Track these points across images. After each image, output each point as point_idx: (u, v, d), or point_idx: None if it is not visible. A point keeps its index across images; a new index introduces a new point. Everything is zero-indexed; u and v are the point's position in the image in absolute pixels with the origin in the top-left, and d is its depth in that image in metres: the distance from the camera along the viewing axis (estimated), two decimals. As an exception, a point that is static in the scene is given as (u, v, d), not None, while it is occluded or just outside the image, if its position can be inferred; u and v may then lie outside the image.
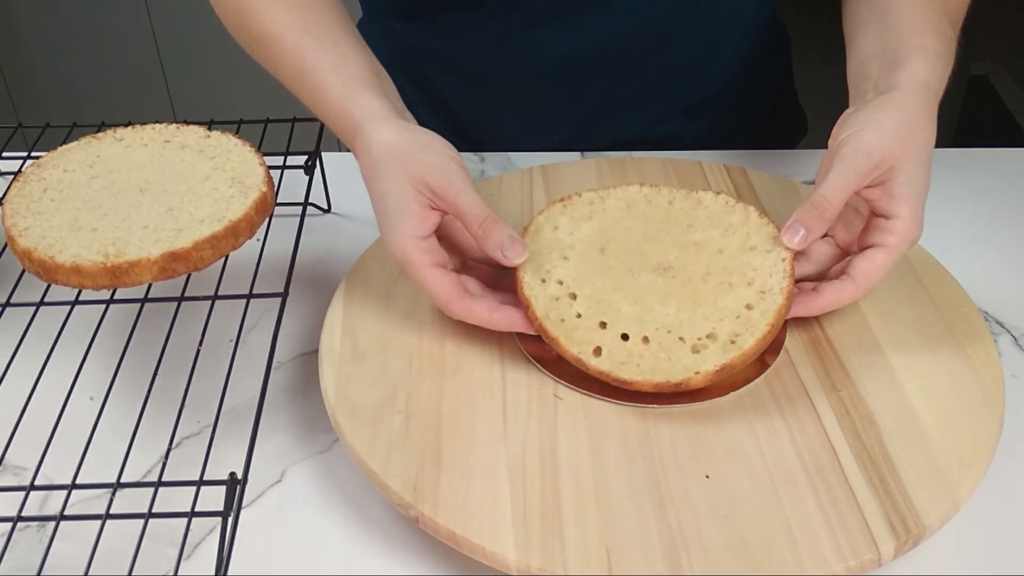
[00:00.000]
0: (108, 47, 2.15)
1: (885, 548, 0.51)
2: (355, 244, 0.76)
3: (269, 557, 0.57)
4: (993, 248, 0.79)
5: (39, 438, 0.56)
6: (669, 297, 0.63)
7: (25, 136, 0.83)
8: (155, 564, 0.56)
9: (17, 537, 0.58)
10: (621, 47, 0.89)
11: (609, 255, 0.66)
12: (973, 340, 0.64)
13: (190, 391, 0.59)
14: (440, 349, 0.64)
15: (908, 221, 0.61)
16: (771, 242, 0.65)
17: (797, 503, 0.54)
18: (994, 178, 0.87)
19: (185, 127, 0.72)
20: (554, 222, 0.68)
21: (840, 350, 0.63)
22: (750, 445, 0.57)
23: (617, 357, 0.60)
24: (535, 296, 0.62)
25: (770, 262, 0.64)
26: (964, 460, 0.56)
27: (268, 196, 0.65)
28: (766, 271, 0.63)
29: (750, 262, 0.64)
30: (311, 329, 0.72)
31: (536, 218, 0.68)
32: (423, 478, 0.55)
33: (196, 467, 0.57)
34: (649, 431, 0.58)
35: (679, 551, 0.51)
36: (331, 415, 0.60)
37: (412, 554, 0.57)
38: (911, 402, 0.60)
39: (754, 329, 0.60)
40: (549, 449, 0.57)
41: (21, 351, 0.62)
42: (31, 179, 0.66)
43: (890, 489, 0.54)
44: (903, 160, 0.61)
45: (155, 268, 0.60)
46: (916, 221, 0.61)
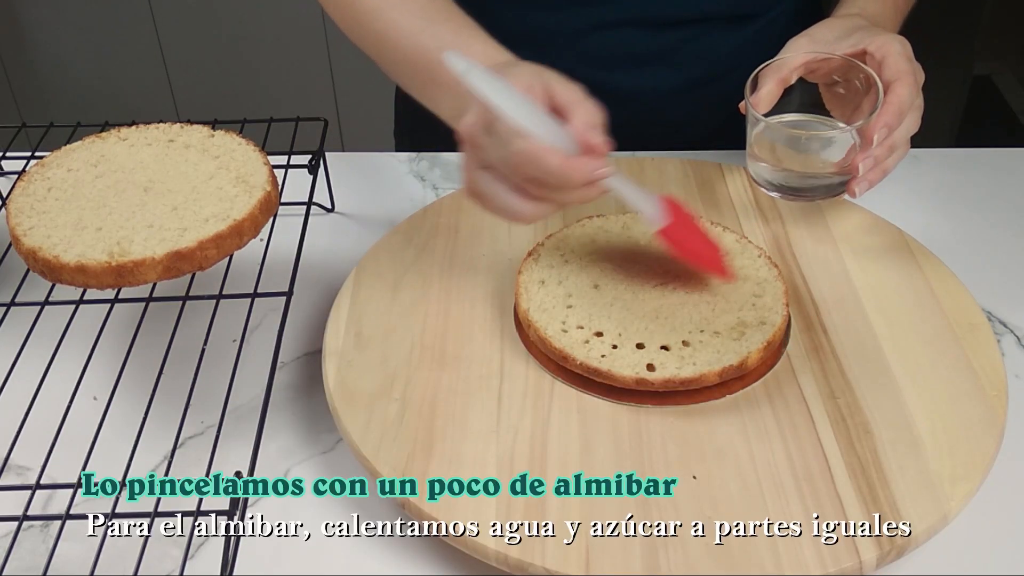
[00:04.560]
0: (112, 47, 2.15)
1: (866, 556, 0.51)
2: (359, 243, 0.77)
3: (273, 557, 0.57)
4: (997, 248, 0.79)
5: (44, 438, 0.56)
6: (683, 305, 0.65)
7: (29, 136, 0.83)
8: (160, 564, 0.56)
9: (22, 537, 0.58)
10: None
11: (605, 289, 0.67)
12: (979, 351, 0.63)
13: (195, 390, 0.59)
14: (442, 340, 0.65)
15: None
16: (738, 246, 0.70)
17: (782, 507, 0.54)
18: (998, 178, 0.87)
19: (189, 126, 0.72)
20: (539, 278, 0.68)
21: (842, 357, 0.63)
22: (741, 448, 0.57)
23: (673, 365, 0.61)
24: (568, 346, 0.62)
25: (749, 261, 0.69)
26: (958, 474, 0.55)
27: (272, 195, 0.65)
28: (751, 267, 0.68)
29: (732, 264, 0.68)
30: (315, 328, 0.73)
31: (519, 279, 0.68)
32: (412, 465, 0.56)
33: (201, 467, 0.57)
34: (641, 430, 0.59)
35: (658, 550, 0.52)
36: (329, 400, 0.61)
37: (414, 554, 0.57)
38: (910, 412, 0.59)
39: (774, 310, 0.64)
40: (540, 443, 0.58)
41: (26, 350, 0.62)
42: (35, 179, 0.67)
43: (879, 499, 0.54)
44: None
45: (159, 267, 0.60)
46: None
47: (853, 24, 0.74)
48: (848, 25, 0.74)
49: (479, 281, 0.70)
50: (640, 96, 0.90)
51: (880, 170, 0.69)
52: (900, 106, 0.67)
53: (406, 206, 0.84)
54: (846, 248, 0.72)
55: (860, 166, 0.68)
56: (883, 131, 0.67)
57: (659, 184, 0.80)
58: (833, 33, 0.73)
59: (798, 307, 0.67)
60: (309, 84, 2.13)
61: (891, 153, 0.69)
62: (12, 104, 2.27)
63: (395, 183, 0.88)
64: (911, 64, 0.69)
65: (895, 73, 0.68)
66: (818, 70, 0.73)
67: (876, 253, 0.72)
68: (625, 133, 0.74)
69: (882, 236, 0.74)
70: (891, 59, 0.69)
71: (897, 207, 0.80)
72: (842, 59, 0.71)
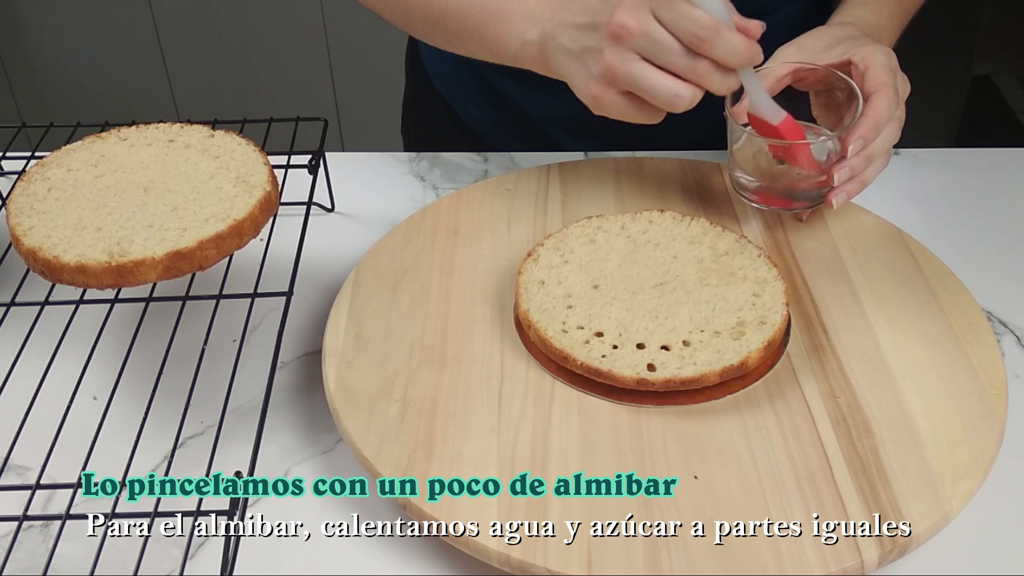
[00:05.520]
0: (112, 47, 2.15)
1: (868, 556, 0.51)
2: (359, 243, 0.77)
3: (273, 557, 0.57)
4: (997, 248, 0.79)
5: (44, 438, 0.56)
6: (682, 305, 0.65)
7: (29, 136, 0.83)
8: (160, 564, 0.56)
9: (22, 537, 0.58)
10: None
11: (604, 289, 0.67)
12: (979, 350, 0.63)
13: (195, 390, 0.59)
14: (442, 340, 0.65)
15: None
16: (738, 245, 0.70)
17: (783, 507, 0.54)
18: (998, 178, 0.87)
19: (189, 126, 0.72)
20: (539, 278, 0.68)
21: (842, 357, 0.63)
22: (742, 448, 0.57)
23: (673, 365, 0.61)
24: (567, 346, 0.62)
25: (748, 260, 0.68)
26: (959, 472, 0.55)
27: (272, 195, 0.65)
28: (750, 267, 0.68)
29: (731, 264, 0.68)
30: (315, 328, 0.73)
31: (519, 279, 0.68)
32: (413, 466, 0.56)
33: (201, 467, 0.57)
34: (642, 430, 0.59)
35: (660, 550, 0.52)
36: (329, 400, 0.61)
37: (414, 554, 0.57)
38: (910, 411, 0.59)
39: (774, 310, 0.64)
40: (540, 443, 0.58)
41: (26, 351, 0.62)
42: (35, 179, 0.67)
43: (880, 498, 0.54)
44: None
45: (160, 267, 0.59)
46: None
47: (843, 33, 0.74)
48: (838, 34, 0.74)
49: (479, 281, 0.70)
50: None
51: (858, 181, 0.69)
52: (877, 118, 0.67)
53: (406, 206, 0.84)
54: (846, 248, 0.72)
55: (835, 176, 0.68)
56: (859, 142, 0.67)
57: (659, 184, 0.80)
58: (822, 42, 0.73)
59: (798, 307, 0.67)
60: (309, 84, 2.13)
61: (869, 164, 0.69)
62: (12, 104, 2.27)
63: (395, 183, 0.88)
64: (893, 76, 0.69)
65: (876, 85, 0.68)
66: (806, 79, 0.73)
67: (876, 253, 0.72)
68: (626, 132, 0.75)
69: (882, 236, 0.74)
70: (873, 70, 0.68)
71: (897, 207, 0.80)
72: (826, 69, 0.71)
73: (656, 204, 0.77)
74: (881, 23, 0.78)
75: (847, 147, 0.67)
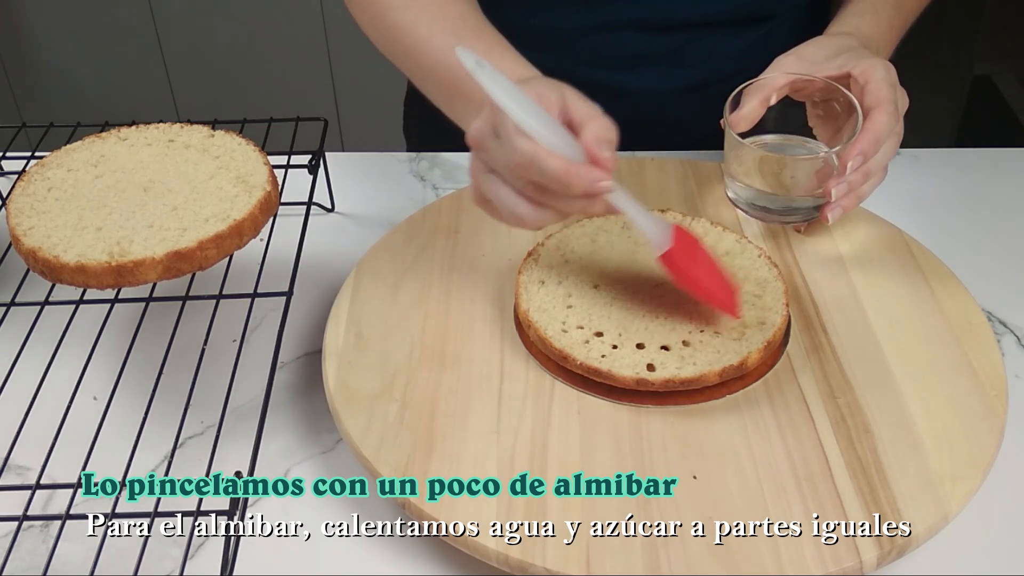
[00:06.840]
0: (112, 47, 2.15)
1: (867, 556, 0.51)
2: (359, 243, 0.77)
3: (273, 557, 0.57)
4: (997, 248, 0.79)
5: (44, 438, 0.56)
6: (683, 305, 0.65)
7: (29, 136, 0.83)
8: (160, 564, 0.56)
9: (22, 537, 0.58)
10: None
11: (605, 289, 0.67)
12: (979, 350, 0.63)
13: (194, 390, 0.59)
14: (442, 340, 0.65)
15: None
16: (738, 246, 0.70)
17: (782, 507, 0.54)
18: (998, 178, 0.87)
19: (189, 126, 0.72)
20: (539, 278, 0.68)
21: (842, 357, 0.63)
22: (741, 448, 0.57)
23: (673, 364, 0.61)
24: (567, 346, 0.62)
25: (748, 261, 0.68)
26: (958, 473, 0.55)
27: (272, 195, 0.65)
28: (751, 267, 0.68)
29: (731, 264, 0.68)
30: (315, 328, 0.73)
31: (519, 279, 0.68)
32: (413, 466, 0.56)
33: (201, 467, 0.57)
34: (642, 430, 0.59)
35: (658, 550, 0.52)
36: (329, 400, 0.61)
37: (414, 554, 0.57)
38: (910, 412, 0.59)
39: (774, 310, 0.64)
40: (540, 443, 0.58)
41: (26, 350, 0.63)
42: (35, 179, 0.67)
43: (879, 498, 0.54)
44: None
45: (160, 267, 0.60)
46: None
47: (842, 44, 0.73)
48: (837, 45, 0.73)
49: (479, 281, 0.70)
50: (641, 96, 0.90)
51: (855, 196, 0.68)
52: (877, 134, 0.67)
53: (406, 206, 0.84)
54: (846, 248, 0.72)
55: (833, 192, 0.67)
56: (858, 158, 0.66)
57: (659, 184, 0.80)
58: (821, 53, 0.72)
59: (798, 307, 0.67)
60: (309, 84, 2.13)
61: (867, 179, 0.68)
62: (12, 104, 2.27)
63: (395, 183, 0.88)
64: (893, 91, 0.68)
65: (875, 100, 0.67)
66: (803, 90, 0.73)
67: (876, 253, 0.72)
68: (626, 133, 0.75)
69: (882, 236, 0.74)
70: (873, 84, 0.68)
71: (897, 207, 0.80)
72: (824, 82, 0.71)
73: (657, 204, 0.77)
74: (880, 33, 0.78)
75: (846, 163, 0.67)
